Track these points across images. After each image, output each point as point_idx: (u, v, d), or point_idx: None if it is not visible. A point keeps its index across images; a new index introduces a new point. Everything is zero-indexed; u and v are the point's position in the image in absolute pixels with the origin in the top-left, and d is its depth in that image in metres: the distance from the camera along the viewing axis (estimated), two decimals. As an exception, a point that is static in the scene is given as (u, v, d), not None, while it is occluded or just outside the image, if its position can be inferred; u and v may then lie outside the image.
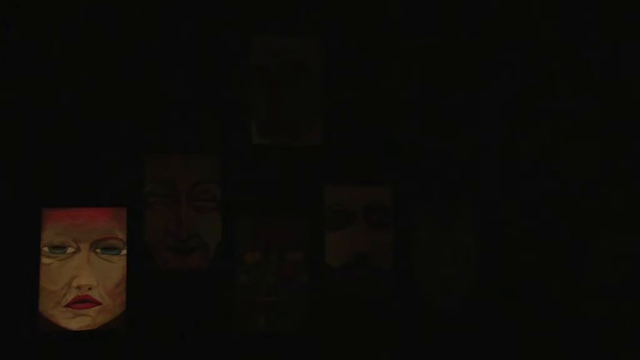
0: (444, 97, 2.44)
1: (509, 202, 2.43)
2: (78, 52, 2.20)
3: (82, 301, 2.10)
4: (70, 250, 2.11)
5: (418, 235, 2.36)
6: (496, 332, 2.35)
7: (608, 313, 2.41)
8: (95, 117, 2.19)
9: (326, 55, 2.37)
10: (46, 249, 2.09)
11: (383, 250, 2.32)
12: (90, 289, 2.10)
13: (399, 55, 2.43)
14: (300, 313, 2.24)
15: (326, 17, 2.39)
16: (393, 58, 2.42)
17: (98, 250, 2.13)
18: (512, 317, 2.37)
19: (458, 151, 2.43)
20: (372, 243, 2.32)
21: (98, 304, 2.11)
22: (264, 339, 2.21)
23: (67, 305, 2.09)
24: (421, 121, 2.41)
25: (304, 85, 2.36)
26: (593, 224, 2.45)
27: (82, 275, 2.10)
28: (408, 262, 2.34)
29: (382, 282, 2.31)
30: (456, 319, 2.34)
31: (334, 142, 2.35)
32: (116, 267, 2.14)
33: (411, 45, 2.43)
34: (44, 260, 2.09)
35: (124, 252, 2.15)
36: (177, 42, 2.27)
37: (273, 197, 2.29)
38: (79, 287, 2.10)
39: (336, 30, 2.39)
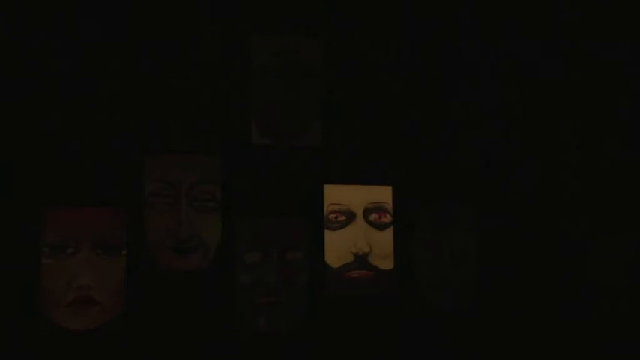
0: (444, 96, 2.44)
1: (508, 202, 2.43)
2: (78, 53, 2.20)
3: (82, 301, 2.09)
4: (70, 250, 2.10)
5: (418, 235, 2.36)
6: (495, 332, 2.35)
7: (608, 313, 2.41)
8: (95, 117, 2.19)
9: (326, 55, 2.37)
10: (46, 249, 2.09)
11: (383, 250, 2.33)
12: (90, 289, 2.10)
13: (399, 54, 2.43)
14: (300, 313, 2.24)
15: (326, 17, 2.39)
16: (393, 58, 2.42)
17: (98, 250, 2.12)
18: (511, 317, 2.37)
19: (458, 150, 2.43)
20: (372, 243, 2.32)
21: (98, 304, 2.10)
22: (264, 339, 2.21)
23: (67, 305, 2.08)
24: (421, 121, 2.42)
25: (304, 85, 2.36)
26: (593, 224, 2.46)
27: (82, 275, 2.10)
28: (408, 262, 2.34)
29: (382, 282, 2.31)
30: (455, 319, 2.34)
31: (334, 142, 2.35)
32: (116, 267, 2.13)
33: (411, 45, 2.44)
34: (44, 260, 2.08)
35: (124, 252, 2.14)
36: (177, 42, 2.27)
37: (273, 197, 2.29)
38: (79, 287, 2.09)
39: (336, 30, 2.39)
